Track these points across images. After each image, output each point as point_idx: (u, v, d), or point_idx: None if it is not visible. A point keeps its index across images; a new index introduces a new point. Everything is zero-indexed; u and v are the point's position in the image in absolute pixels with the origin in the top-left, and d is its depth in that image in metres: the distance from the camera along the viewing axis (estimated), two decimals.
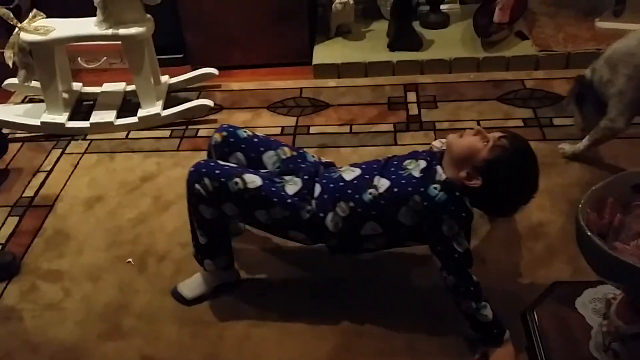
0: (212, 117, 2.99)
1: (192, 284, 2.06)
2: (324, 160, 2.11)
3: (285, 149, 2.07)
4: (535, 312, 1.61)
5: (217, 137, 2.06)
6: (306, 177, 1.93)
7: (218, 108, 3.05)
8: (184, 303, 2.04)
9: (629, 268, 1.16)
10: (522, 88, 3.00)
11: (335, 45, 3.33)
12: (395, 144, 2.71)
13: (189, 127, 2.93)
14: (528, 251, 2.16)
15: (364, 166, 1.96)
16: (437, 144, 2.16)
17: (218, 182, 1.83)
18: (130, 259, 2.24)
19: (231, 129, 2.07)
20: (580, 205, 1.29)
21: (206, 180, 1.83)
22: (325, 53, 3.27)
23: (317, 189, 1.91)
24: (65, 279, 2.18)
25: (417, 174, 1.84)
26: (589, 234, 1.23)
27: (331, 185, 1.90)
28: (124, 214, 2.45)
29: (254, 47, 3.30)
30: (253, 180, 1.85)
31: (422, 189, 1.79)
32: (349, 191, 1.87)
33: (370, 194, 1.84)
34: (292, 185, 1.90)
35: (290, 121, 2.92)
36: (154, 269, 2.20)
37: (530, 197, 1.85)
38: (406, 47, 3.19)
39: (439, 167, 1.84)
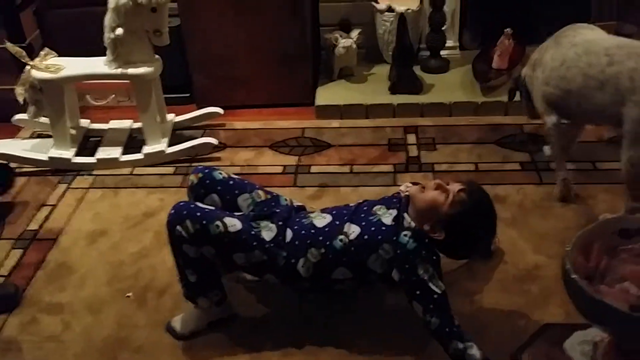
0: (215, 155, 3.05)
1: (186, 320, 2.08)
2: (296, 204, 2.16)
3: (260, 192, 2.12)
4: (524, 354, 1.63)
5: (194, 178, 2.10)
6: (280, 222, 1.97)
7: (222, 146, 3.11)
8: (178, 339, 2.06)
9: (612, 311, 1.19)
10: (520, 132, 3.06)
11: (338, 88, 3.41)
12: (395, 184, 2.76)
13: (193, 164, 2.98)
14: (523, 293, 2.18)
15: (334, 212, 2.01)
16: (403, 188, 2.19)
17: (199, 225, 1.86)
18: (130, 293, 2.27)
19: (207, 171, 2.12)
20: (568, 249, 1.32)
21: (187, 222, 1.86)
22: (328, 95, 3.35)
23: (289, 234, 1.95)
24: (66, 312, 2.21)
25: (387, 221, 1.90)
26: (573, 276, 1.26)
27: (302, 232, 1.95)
28: (127, 248, 2.49)
29: (258, 87, 3.38)
30: (234, 224, 1.89)
31: (393, 238, 1.86)
32: (320, 238, 1.92)
33: (340, 240, 1.90)
34: (268, 231, 1.94)
35: (292, 160, 2.98)
36: (153, 304, 2.22)
37: (489, 241, 1.98)
38: (407, 90, 3.27)
39: (406, 215, 1.91)
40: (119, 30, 2.72)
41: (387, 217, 1.91)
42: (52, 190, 2.85)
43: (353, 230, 1.91)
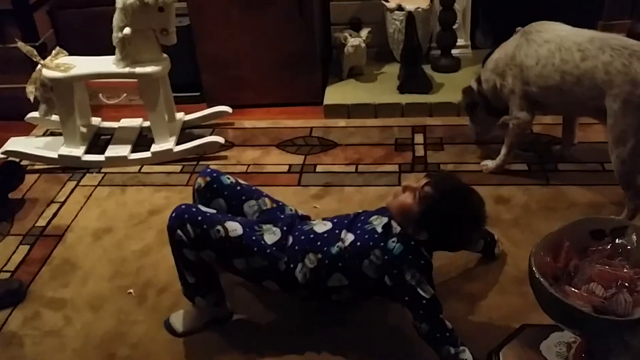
0: (223, 153, 3.07)
1: (184, 318, 2.10)
2: (300, 213, 2.16)
3: (266, 199, 2.12)
4: (500, 354, 1.61)
5: (201, 181, 2.10)
6: (285, 228, 1.98)
7: (229, 145, 3.13)
8: (175, 335, 2.08)
9: (575, 312, 1.18)
10: (529, 132, 3.01)
11: (347, 87, 3.41)
12: (399, 184, 2.71)
13: (200, 162, 3.01)
14: (522, 296, 2.14)
15: (335, 220, 2.01)
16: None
17: (200, 229, 1.86)
18: (131, 290, 2.30)
19: (215, 175, 2.11)
20: (534, 249, 1.31)
21: (188, 227, 1.86)
22: (336, 94, 3.35)
23: (290, 240, 1.96)
24: (68, 307, 2.25)
25: (379, 229, 1.90)
26: (537, 276, 1.25)
27: (302, 238, 1.95)
28: (130, 245, 2.52)
29: (267, 87, 3.40)
30: (235, 228, 1.89)
31: (382, 244, 1.86)
32: (319, 243, 1.92)
33: (337, 247, 1.90)
34: (271, 235, 1.94)
35: (298, 159, 2.98)
36: (153, 301, 2.25)
37: (481, 224, 1.92)
38: (415, 89, 3.25)
39: (393, 222, 1.90)
40: (127, 30, 2.75)
41: (379, 225, 1.92)
42: (61, 188, 2.90)
43: (348, 237, 1.92)
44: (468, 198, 1.89)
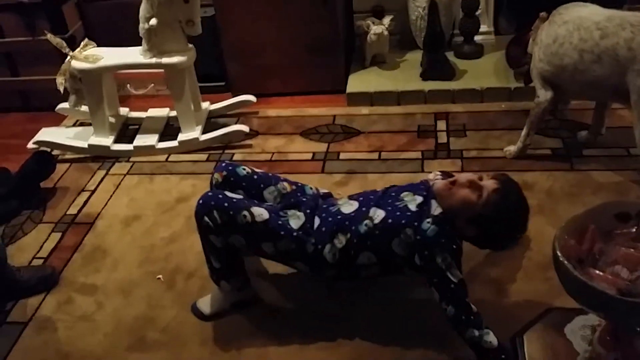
0: (247, 142, 3.11)
1: (210, 301, 2.15)
2: (322, 191, 2.18)
3: (285, 184, 2.15)
4: (524, 337, 1.63)
5: (218, 176, 2.13)
6: (308, 211, 2.00)
7: (254, 133, 3.17)
8: (203, 319, 2.14)
9: (600, 295, 1.19)
10: (553, 118, 3.00)
11: (370, 75, 3.42)
12: (422, 171, 2.76)
13: (226, 151, 3.06)
14: (547, 281, 2.15)
15: (361, 198, 2.03)
16: (432, 176, 2.19)
17: (227, 215, 1.90)
18: (160, 276, 2.36)
19: (230, 168, 2.14)
20: (558, 232, 1.32)
21: (215, 213, 1.90)
22: (359, 82, 3.37)
23: (316, 221, 1.98)
24: (99, 293, 2.32)
25: (413, 207, 1.90)
26: (561, 259, 1.26)
27: (329, 219, 1.97)
28: (158, 232, 2.58)
29: (291, 76, 3.43)
30: (260, 213, 1.92)
31: (415, 223, 1.86)
32: (346, 223, 1.94)
33: (365, 225, 1.91)
34: (296, 220, 1.97)
35: (321, 147, 3.01)
36: (181, 286, 2.31)
37: (518, 237, 1.98)
38: (438, 76, 3.26)
39: (433, 202, 1.91)
40: (153, 21, 2.79)
41: (413, 203, 1.92)
42: (91, 177, 2.97)
43: (378, 214, 1.92)
44: (526, 214, 1.93)
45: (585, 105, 3.04)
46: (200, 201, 1.95)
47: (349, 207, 2.00)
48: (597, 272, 1.29)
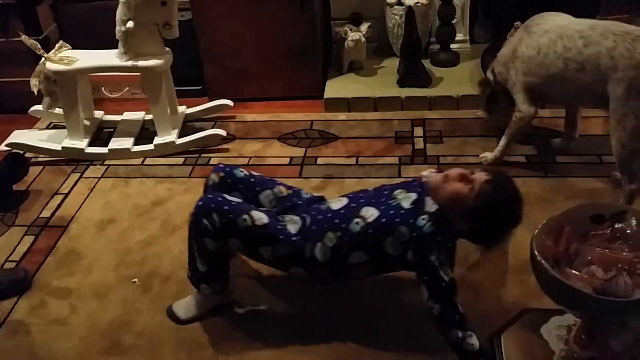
0: (224, 146, 3.10)
1: (187, 306, 2.13)
2: (317, 195, 2.17)
3: (282, 187, 2.14)
4: (501, 337, 1.65)
5: (215, 177, 2.11)
6: (303, 214, 1.99)
7: (231, 138, 3.16)
8: (178, 322, 2.12)
9: (576, 293, 1.21)
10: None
11: (347, 81, 3.44)
12: (399, 176, 2.78)
13: (202, 155, 3.05)
14: (521, 284, 2.19)
15: (351, 195, 2.02)
16: (426, 173, 2.21)
17: (226, 219, 1.87)
18: (135, 279, 2.33)
19: (228, 169, 2.12)
20: (536, 232, 1.35)
21: (214, 216, 1.87)
22: (337, 87, 3.38)
23: (307, 220, 1.97)
24: (73, 296, 2.28)
25: (406, 205, 1.89)
26: (539, 259, 1.28)
27: (319, 217, 1.96)
28: (134, 236, 2.55)
29: (269, 80, 3.43)
30: (260, 217, 1.91)
31: (410, 220, 1.85)
32: (337, 221, 1.93)
33: (357, 223, 1.89)
34: (293, 225, 1.96)
35: (299, 152, 3.01)
36: (157, 290, 2.28)
37: (513, 229, 1.91)
38: (415, 83, 3.29)
39: (428, 199, 1.89)
40: (130, 24, 2.77)
41: (406, 200, 1.90)
42: (65, 180, 2.93)
43: (371, 213, 1.89)
44: (520, 204, 1.89)
45: (560, 113, 3.10)
46: (200, 203, 1.92)
47: (337, 204, 1.99)
48: (573, 271, 1.32)
